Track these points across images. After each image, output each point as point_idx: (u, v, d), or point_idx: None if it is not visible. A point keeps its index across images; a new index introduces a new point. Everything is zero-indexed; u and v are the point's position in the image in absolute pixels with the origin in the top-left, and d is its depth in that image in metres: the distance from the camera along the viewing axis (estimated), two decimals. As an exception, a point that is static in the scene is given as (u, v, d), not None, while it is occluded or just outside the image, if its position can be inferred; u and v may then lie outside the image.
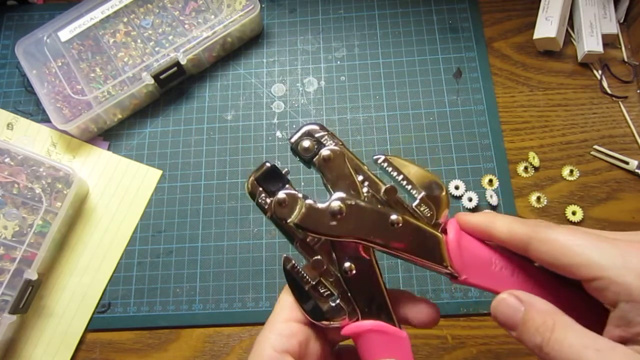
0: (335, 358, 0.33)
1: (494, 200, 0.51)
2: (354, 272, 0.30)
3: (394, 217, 0.30)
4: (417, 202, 0.31)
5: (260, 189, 0.31)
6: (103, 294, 0.52)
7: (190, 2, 0.58)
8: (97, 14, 0.58)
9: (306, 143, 0.32)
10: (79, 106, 0.55)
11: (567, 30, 0.58)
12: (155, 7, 0.58)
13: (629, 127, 0.54)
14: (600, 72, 0.56)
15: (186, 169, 0.56)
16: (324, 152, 0.31)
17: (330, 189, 0.31)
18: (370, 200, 0.31)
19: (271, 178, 0.32)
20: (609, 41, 0.56)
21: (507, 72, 0.57)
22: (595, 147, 0.53)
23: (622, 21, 0.57)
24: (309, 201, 0.30)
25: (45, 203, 0.51)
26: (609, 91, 0.55)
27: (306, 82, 0.58)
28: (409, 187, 0.31)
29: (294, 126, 0.56)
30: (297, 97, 0.58)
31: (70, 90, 0.55)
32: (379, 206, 0.30)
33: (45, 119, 0.57)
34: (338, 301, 0.31)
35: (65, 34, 0.57)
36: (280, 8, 0.62)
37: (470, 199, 0.52)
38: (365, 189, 0.31)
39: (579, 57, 0.56)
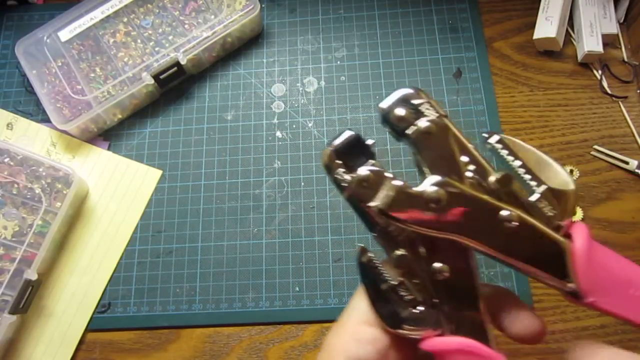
0: None
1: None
2: (447, 274, 0.25)
3: (505, 213, 0.24)
4: (537, 196, 0.24)
5: (339, 161, 0.26)
6: (103, 294, 0.52)
7: (190, 2, 0.58)
8: (97, 14, 0.58)
9: (402, 111, 0.25)
10: (79, 106, 0.55)
11: (567, 30, 0.58)
12: (155, 7, 0.58)
13: (629, 127, 0.54)
14: (600, 72, 0.56)
15: (186, 169, 0.56)
16: (424, 123, 0.25)
17: (425, 171, 0.25)
18: (476, 189, 0.25)
19: (353, 150, 0.26)
20: (609, 41, 0.56)
21: (507, 72, 0.57)
22: (595, 147, 0.53)
23: (622, 21, 0.57)
24: (398, 182, 0.25)
25: (45, 203, 0.51)
26: (609, 91, 0.55)
27: (306, 82, 0.58)
28: (528, 177, 0.25)
29: (294, 126, 0.56)
30: (297, 97, 0.58)
31: (70, 90, 0.55)
32: (486, 197, 0.24)
33: (45, 119, 0.57)
34: (422, 308, 0.26)
35: (65, 34, 0.57)
36: (280, 8, 0.62)
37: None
38: (469, 174, 0.25)
39: (579, 57, 0.56)
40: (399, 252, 0.25)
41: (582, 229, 0.24)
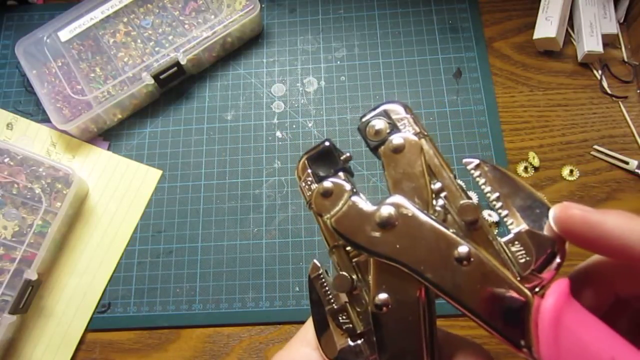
0: None
1: (494, 200, 0.51)
2: (390, 308, 0.21)
3: (463, 249, 0.20)
4: (510, 236, 0.21)
5: (309, 171, 0.25)
6: (103, 294, 0.52)
7: (190, 2, 0.58)
8: (97, 14, 0.58)
9: (378, 124, 0.24)
10: (79, 106, 0.55)
11: (567, 30, 0.58)
12: (155, 7, 0.58)
13: (629, 127, 0.54)
14: (600, 72, 0.56)
15: (186, 169, 0.56)
16: (395, 139, 0.23)
17: (390, 191, 0.23)
18: (444, 219, 0.22)
19: (326, 161, 0.25)
20: (609, 41, 0.56)
21: (507, 72, 0.57)
22: (595, 147, 0.53)
23: (622, 21, 0.57)
24: (355, 198, 0.23)
25: (44, 203, 0.51)
26: (609, 91, 0.55)
27: (306, 82, 0.58)
28: (505, 212, 0.21)
29: (294, 126, 0.56)
30: (297, 97, 0.58)
31: (70, 90, 0.55)
32: (451, 230, 0.21)
33: (45, 119, 0.57)
34: (360, 342, 0.23)
35: (65, 34, 0.57)
36: (280, 8, 0.62)
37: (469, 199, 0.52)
38: (439, 202, 0.22)
39: (579, 57, 0.56)
40: (342, 273, 0.23)
41: (559, 285, 0.19)
